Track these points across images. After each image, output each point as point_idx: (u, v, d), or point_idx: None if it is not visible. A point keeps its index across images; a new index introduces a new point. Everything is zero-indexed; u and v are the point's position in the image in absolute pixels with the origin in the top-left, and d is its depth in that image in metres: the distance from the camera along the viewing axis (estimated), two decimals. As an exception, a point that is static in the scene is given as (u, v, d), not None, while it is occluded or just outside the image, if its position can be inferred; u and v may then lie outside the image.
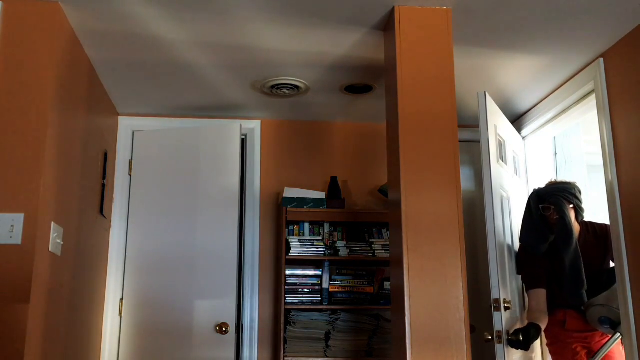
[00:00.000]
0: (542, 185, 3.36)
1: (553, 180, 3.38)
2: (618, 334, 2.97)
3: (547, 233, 3.23)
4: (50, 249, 2.61)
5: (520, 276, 3.36)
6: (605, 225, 3.29)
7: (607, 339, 3.07)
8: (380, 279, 3.82)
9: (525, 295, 3.41)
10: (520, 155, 3.92)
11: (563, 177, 4.04)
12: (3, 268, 2.40)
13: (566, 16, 2.81)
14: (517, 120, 4.08)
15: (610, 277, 3.14)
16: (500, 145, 3.42)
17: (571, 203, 3.20)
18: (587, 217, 3.92)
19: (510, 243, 3.34)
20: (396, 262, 2.61)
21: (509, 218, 3.38)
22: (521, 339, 2.88)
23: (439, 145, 2.63)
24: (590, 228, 3.30)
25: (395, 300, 2.63)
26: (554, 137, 4.07)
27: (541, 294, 3.19)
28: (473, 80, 3.51)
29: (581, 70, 3.33)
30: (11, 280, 2.39)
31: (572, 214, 3.22)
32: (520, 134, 4.04)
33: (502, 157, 3.42)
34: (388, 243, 3.59)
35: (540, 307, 3.17)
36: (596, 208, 4.09)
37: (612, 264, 3.19)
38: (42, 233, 2.52)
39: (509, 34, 2.97)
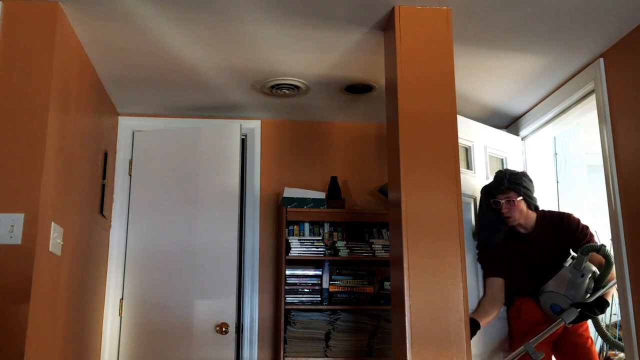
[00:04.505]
0: (491, 180, 3.36)
1: (501, 170, 3.35)
2: (560, 320, 2.98)
3: (500, 225, 3.25)
4: (50, 249, 2.61)
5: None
6: (562, 214, 3.33)
7: (562, 327, 3.04)
8: (380, 279, 3.82)
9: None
10: (513, 155, 3.91)
11: (561, 177, 4.05)
12: (3, 268, 2.40)
13: (566, 16, 2.81)
14: (517, 120, 4.08)
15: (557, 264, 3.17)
16: (466, 151, 3.51)
17: (519, 194, 3.19)
18: (587, 217, 3.92)
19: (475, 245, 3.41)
20: (396, 262, 2.61)
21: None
22: None
23: (439, 145, 2.63)
24: (548, 217, 3.29)
25: (395, 300, 2.63)
26: (554, 137, 4.07)
27: (497, 282, 3.24)
28: (473, 80, 3.51)
29: (581, 70, 3.33)
30: (11, 280, 2.39)
31: (523, 205, 3.21)
32: (519, 134, 4.04)
33: (467, 164, 3.53)
34: (388, 243, 3.59)
35: (495, 295, 3.21)
36: (596, 208, 4.09)
37: (572, 253, 3.20)
38: (42, 233, 2.52)
39: (509, 34, 2.97)
